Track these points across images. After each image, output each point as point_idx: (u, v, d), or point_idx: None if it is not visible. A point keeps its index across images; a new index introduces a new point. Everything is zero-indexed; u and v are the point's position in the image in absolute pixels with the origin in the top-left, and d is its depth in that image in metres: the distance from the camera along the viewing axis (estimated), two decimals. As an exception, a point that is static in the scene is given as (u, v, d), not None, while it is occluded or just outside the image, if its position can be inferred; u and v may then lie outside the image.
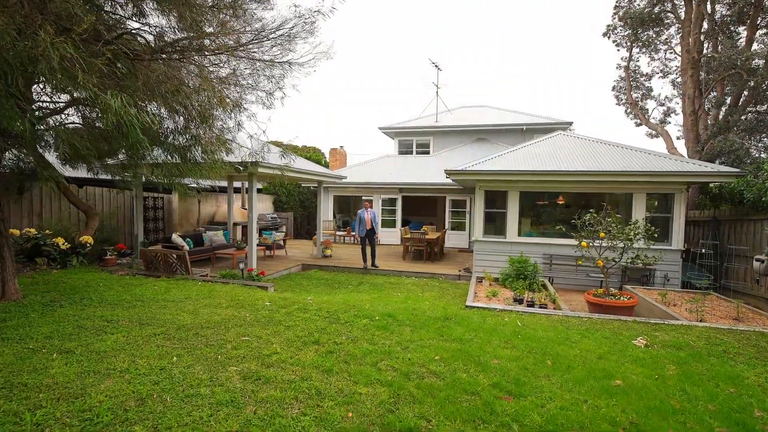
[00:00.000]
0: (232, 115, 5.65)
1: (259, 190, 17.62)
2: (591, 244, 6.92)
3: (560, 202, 10.22)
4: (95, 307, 5.06)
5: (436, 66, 19.42)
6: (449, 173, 9.89)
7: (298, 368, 3.53)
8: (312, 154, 19.64)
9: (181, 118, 5.22)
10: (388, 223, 16.09)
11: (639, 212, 9.29)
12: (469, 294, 7.53)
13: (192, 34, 4.67)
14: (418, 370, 3.64)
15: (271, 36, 5.65)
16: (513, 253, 9.82)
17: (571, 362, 4.06)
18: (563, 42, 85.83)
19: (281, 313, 5.28)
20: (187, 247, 10.71)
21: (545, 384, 3.50)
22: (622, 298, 6.62)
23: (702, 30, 11.90)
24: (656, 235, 6.86)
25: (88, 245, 8.88)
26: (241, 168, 8.49)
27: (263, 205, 17.11)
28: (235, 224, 13.53)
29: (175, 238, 10.65)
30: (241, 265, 8.31)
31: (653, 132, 15.84)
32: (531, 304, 6.88)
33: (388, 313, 5.53)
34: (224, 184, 13.77)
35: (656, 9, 13.43)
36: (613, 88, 16.67)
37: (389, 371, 3.59)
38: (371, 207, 11.10)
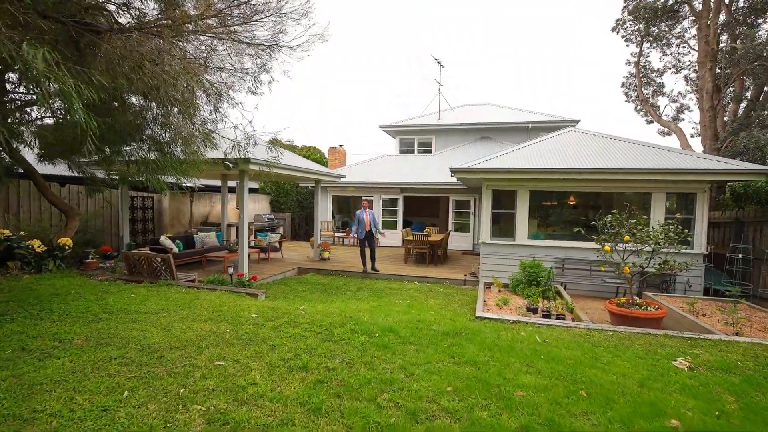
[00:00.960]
0: (212, 100, 4.94)
1: (255, 190, 16.93)
2: (614, 248, 6.21)
3: (571, 203, 9.52)
4: (52, 322, 4.36)
5: (438, 62, 18.74)
6: (454, 171, 9.20)
7: (279, 406, 2.83)
8: (310, 154, 18.94)
9: (155, 104, 4.52)
10: (389, 224, 15.40)
11: (658, 213, 8.58)
12: (478, 302, 6.82)
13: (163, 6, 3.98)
14: (428, 407, 2.93)
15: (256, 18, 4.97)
16: (522, 256, 9.12)
17: (609, 392, 3.35)
18: (569, 38, 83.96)
19: (267, 328, 4.58)
20: (176, 250, 10.03)
21: (586, 427, 2.80)
22: (649, 309, 5.91)
23: (719, 22, 11.19)
24: (690, 239, 6.13)
25: (67, 248, 8.18)
26: (230, 165, 7.81)
27: (259, 206, 16.42)
28: (229, 225, 12.84)
29: (164, 239, 9.96)
30: (230, 270, 7.62)
31: (666, 129, 15.13)
32: (547, 315, 6.18)
33: (389, 327, 4.82)
34: (218, 183, 13.09)
35: (670, 1, 12.74)
36: (623, 85, 15.97)
37: (392, 408, 2.89)
38: (370, 207, 10.41)
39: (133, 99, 4.60)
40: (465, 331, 4.98)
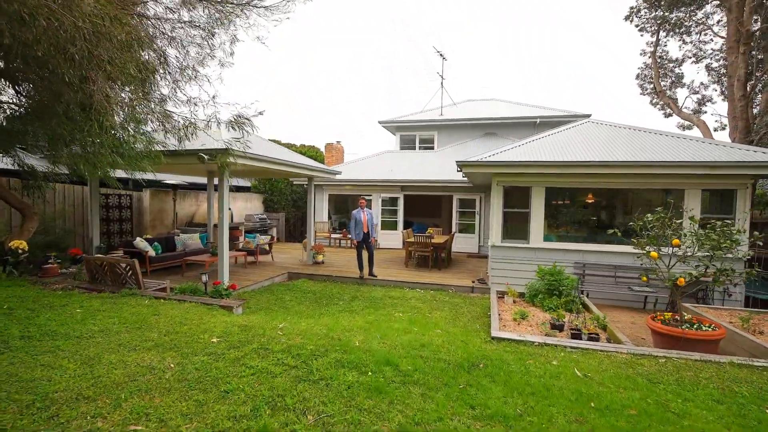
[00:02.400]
0: (166, 71, 3.83)
1: (246, 189, 15.83)
2: (658, 251, 5.08)
3: (590, 201, 8.39)
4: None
5: (440, 55, 17.62)
6: (461, 165, 8.08)
7: None
8: (307, 151, 17.84)
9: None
10: (389, 225, 14.28)
11: (693, 212, 7.45)
12: (492, 317, 5.69)
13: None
14: None
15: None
16: (538, 260, 8.00)
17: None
18: (576, 30, 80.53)
19: (227, 360, 3.47)
20: (152, 253, 8.93)
21: None
22: (703, 327, 4.78)
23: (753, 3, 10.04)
24: (761, 243, 5.00)
25: (21, 251, 7.09)
26: (206, 157, 6.71)
27: (251, 205, 15.32)
28: (216, 226, 11.72)
29: (139, 242, 8.86)
30: (204, 278, 6.50)
31: (686, 123, 14.00)
32: (576, 334, 5.05)
33: (385, 356, 3.71)
34: (205, 180, 11.99)
35: (693, -17, 11.64)
36: (637, 77, 14.82)
37: None
38: (368, 206, 9.31)
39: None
40: (482, 360, 3.87)
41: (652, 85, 14.32)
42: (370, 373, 3.33)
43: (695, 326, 4.81)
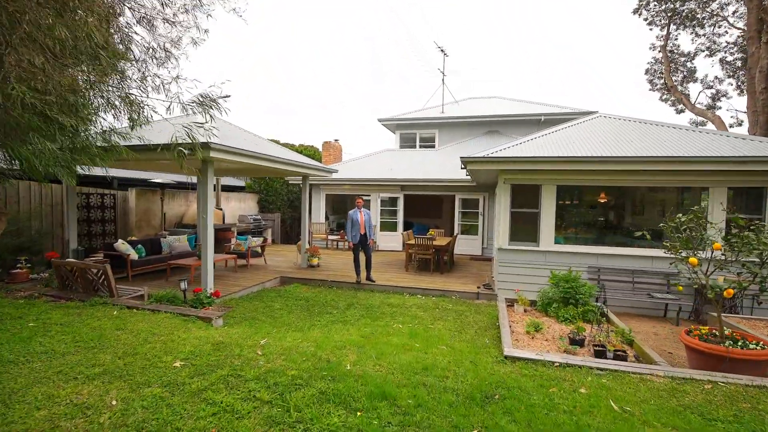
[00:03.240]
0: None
1: (240, 188, 15.19)
2: (694, 256, 4.40)
3: (603, 200, 7.72)
4: None
5: (441, 50, 16.98)
6: (467, 161, 7.41)
7: None
8: (304, 150, 17.20)
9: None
10: (388, 226, 13.61)
11: (717, 212, 6.78)
12: (503, 330, 5.02)
13: None
14: None
15: None
16: (549, 265, 7.34)
17: None
18: (579, 26, 77.82)
19: (187, 393, 2.81)
20: (134, 256, 8.28)
21: None
22: (749, 345, 4.10)
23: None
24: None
25: (-16, 255, 6.45)
26: (186, 152, 6.05)
27: (245, 205, 14.66)
28: (206, 227, 11.08)
29: (120, 244, 8.20)
30: (183, 285, 5.84)
31: (700, 119, 13.34)
32: (600, 351, 4.38)
33: (381, 387, 3.05)
34: (195, 179, 11.35)
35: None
36: (647, 72, 14.15)
37: None
38: (365, 206, 8.65)
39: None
40: (497, 387, 3.21)
41: (662, 80, 13.66)
42: (361, 410, 2.66)
43: (739, 343, 4.14)
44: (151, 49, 3.71)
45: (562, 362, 3.98)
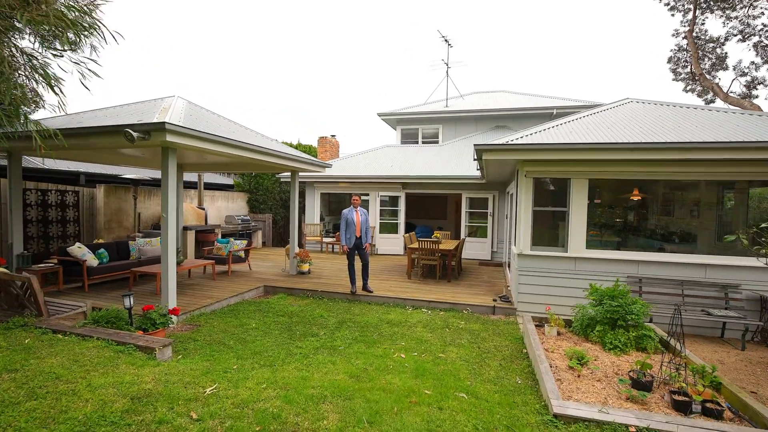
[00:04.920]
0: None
1: (229, 187, 13.94)
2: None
3: (641, 197, 6.44)
4: None
5: (446, 41, 15.73)
6: (483, 150, 6.14)
7: None
8: (299, 147, 15.93)
9: None
10: (389, 228, 12.34)
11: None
12: (541, 368, 3.71)
13: None
14: None
15: None
16: (579, 274, 6.07)
17: None
18: (594, 18, 73.89)
19: None
20: (92, 262, 7.03)
21: None
22: None
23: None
24: None
25: None
26: (136, 135, 4.77)
27: (234, 205, 13.39)
28: (186, 229, 9.82)
29: (74, 248, 6.95)
30: (127, 301, 4.55)
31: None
32: (683, 403, 3.09)
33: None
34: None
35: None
36: (669, 60, 12.87)
37: None
38: (362, 205, 7.40)
39: None
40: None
41: (687, 69, 12.40)
42: None
43: None
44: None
45: (640, 426, 2.70)
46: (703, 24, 12.18)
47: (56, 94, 4.07)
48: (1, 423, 2.31)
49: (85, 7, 4.35)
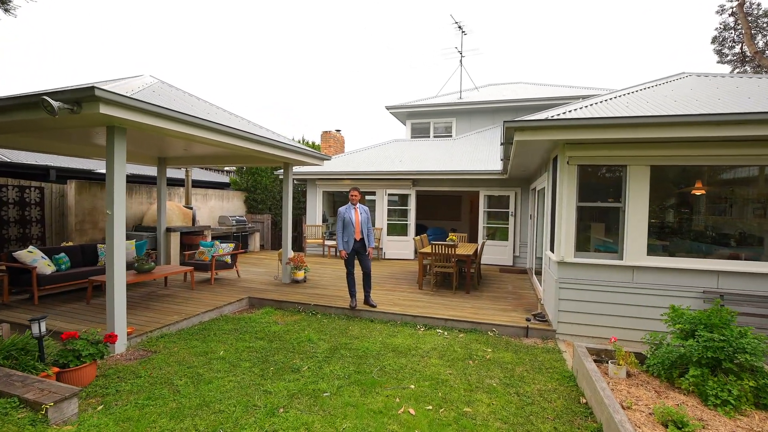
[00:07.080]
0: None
1: (226, 185, 12.78)
2: None
3: (698, 192, 4.98)
4: None
5: (459, 27, 14.38)
6: (516, 128, 4.79)
7: None
8: (305, 144, 14.74)
9: None
10: (397, 229, 11.01)
11: None
12: (627, 443, 2.33)
13: None
14: None
15: None
16: (638, 287, 4.67)
17: None
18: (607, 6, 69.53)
19: None
20: (43, 270, 5.86)
21: None
22: None
23: None
24: None
25: None
26: (57, 105, 3.56)
27: (230, 205, 12.22)
28: (169, 230, 8.64)
29: (24, 254, 5.80)
30: (36, 329, 3.29)
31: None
32: None
33: None
34: (155, 171, 8.93)
35: None
36: (714, 40, 11.26)
37: None
38: (362, 201, 6.15)
39: None
40: None
41: (735, 49, 10.80)
42: None
43: None
44: None
45: None
46: (755, -3, 10.59)
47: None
48: None
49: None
